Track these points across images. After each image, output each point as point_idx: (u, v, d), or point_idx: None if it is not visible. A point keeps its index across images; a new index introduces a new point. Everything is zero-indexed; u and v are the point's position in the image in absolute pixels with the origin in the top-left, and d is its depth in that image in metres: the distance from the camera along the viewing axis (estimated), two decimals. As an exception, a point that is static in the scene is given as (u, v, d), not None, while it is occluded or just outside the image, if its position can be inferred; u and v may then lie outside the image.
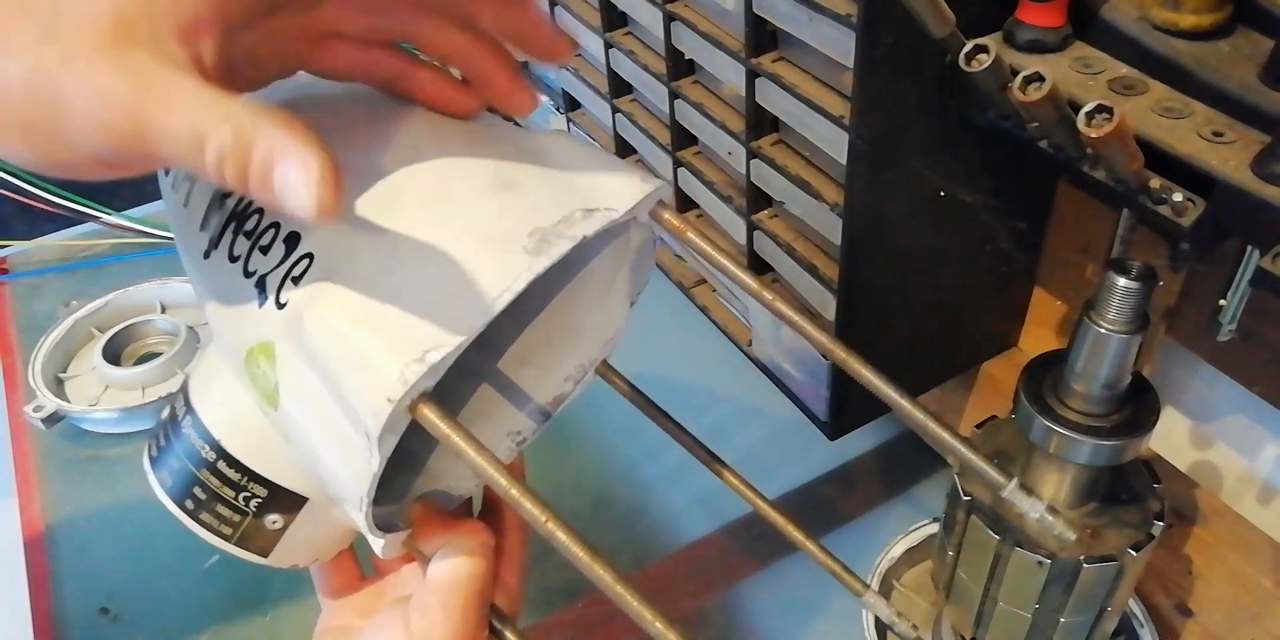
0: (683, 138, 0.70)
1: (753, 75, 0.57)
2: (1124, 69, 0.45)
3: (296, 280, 0.32)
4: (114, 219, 1.04)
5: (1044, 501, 0.37)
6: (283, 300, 0.33)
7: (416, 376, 0.29)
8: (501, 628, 0.40)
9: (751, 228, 0.66)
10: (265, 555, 0.40)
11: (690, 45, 0.63)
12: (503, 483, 0.30)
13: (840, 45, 0.49)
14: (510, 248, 0.31)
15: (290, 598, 0.75)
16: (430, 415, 0.30)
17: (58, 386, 0.91)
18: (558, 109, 0.88)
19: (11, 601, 0.75)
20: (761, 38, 0.56)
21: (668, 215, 0.37)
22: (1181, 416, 0.64)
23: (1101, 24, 0.46)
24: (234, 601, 0.74)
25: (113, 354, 0.93)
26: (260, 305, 0.33)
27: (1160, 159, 0.42)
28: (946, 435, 0.37)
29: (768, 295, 0.37)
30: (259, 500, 0.39)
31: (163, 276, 0.99)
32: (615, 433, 0.82)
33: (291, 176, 0.26)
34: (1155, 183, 0.42)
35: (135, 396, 0.89)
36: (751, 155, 0.61)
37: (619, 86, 0.75)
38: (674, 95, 0.67)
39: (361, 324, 0.31)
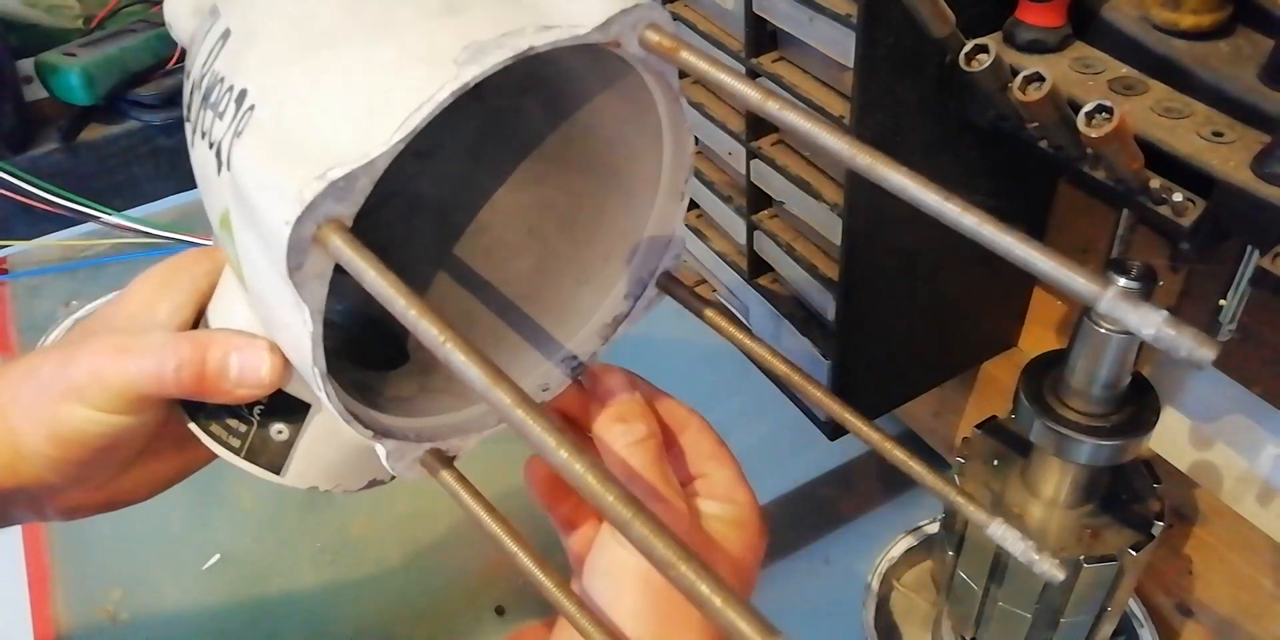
0: (683, 138, 0.70)
1: (753, 75, 0.57)
2: (1124, 69, 0.45)
3: (240, 133, 0.31)
4: (114, 219, 1.03)
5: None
6: (231, 158, 0.31)
7: (314, 194, 0.27)
8: None
9: (751, 228, 0.66)
10: (278, 472, 0.39)
11: (690, 45, 0.63)
12: (401, 302, 0.26)
13: (840, 45, 0.49)
14: (438, 61, 0.28)
15: (290, 598, 0.75)
16: (339, 242, 0.27)
17: (58, 386, 0.91)
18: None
19: (11, 601, 0.75)
20: (761, 38, 0.56)
21: (657, 38, 0.31)
22: (1181, 416, 0.64)
23: (1101, 24, 0.46)
24: (234, 601, 0.74)
25: (113, 354, 0.93)
26: (219, 172, 0.32)
27: (1160, 159, 0.42)
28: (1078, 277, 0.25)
29: (773, 105, 0.28)
30: (261, 407, 0.39)
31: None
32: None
33: (248, 360, 0.37)
34: (1155, 183, 0.42)
35: (135, 396, 0.89)
36: (751, 155, 0.61)
37: (619, 86, 0.75)
38: (674, 95, 0.67)
39: (273, 156, 0.29)
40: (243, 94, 0.32)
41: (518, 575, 0.36)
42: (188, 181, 0.46)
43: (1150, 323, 0.25)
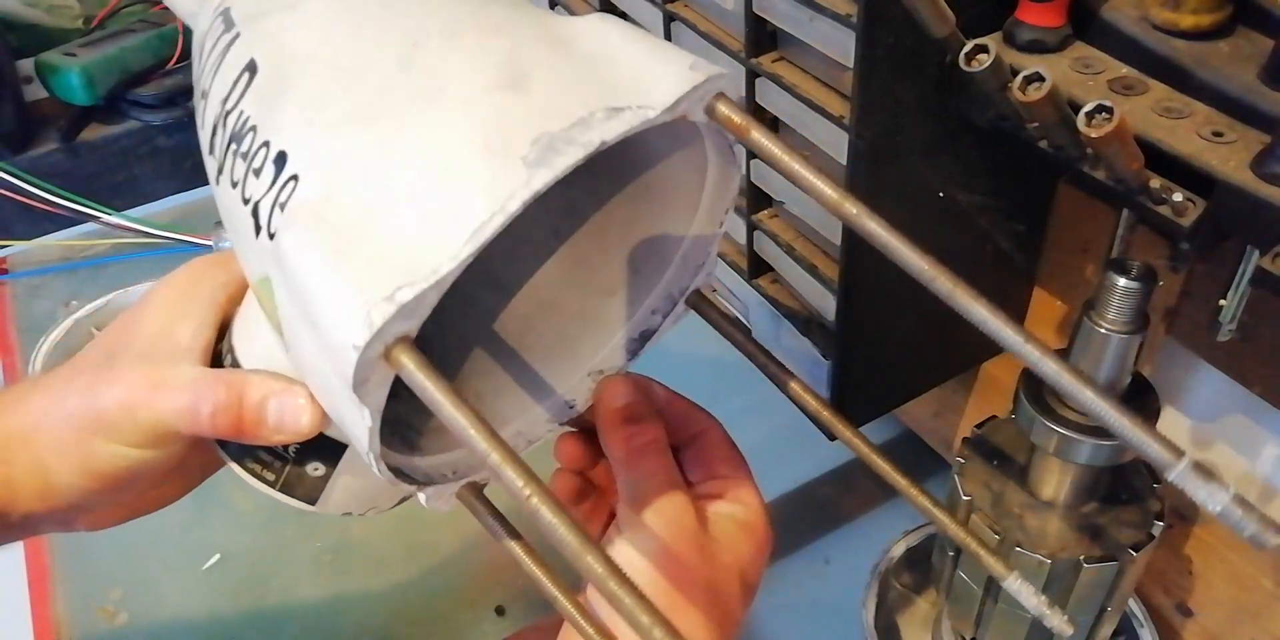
0: (683, 138, 0.70)
1: (753, 75, 0.57)
2: (1124, 69, 0.45)
3: (283, 207, 0.29)
4: (114, 219, 1.04)
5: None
6: (273, 230, 0.29)
7: (385, 318, 0.26)
8: None
9: (751, 228, 0.65)
10: (312, 503, 0.39)
11: (690, 45, 0.63)
12: (483, 446, 0.25)
13: (840, 45, 0.49)
14: (506, 159, 0.27)
15: (290, 598, 0.75)
16: (408, 363, 0.26)
17: (58, 386, 0.91)
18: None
19: (11, 601, 0.75)
20: (761, 38, 0.56)
21: (726, 111, 0.30)
22: (1181, 416, 0.64)
23: (1101, 24, 0.46)
24: (234, 602, 0.74)
25: (113, 354, 0.93)
26: (257, 235, 0.30)
27: (1160, 159, 0.42)
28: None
29: (851, 208, 0.31)
30: (297, 446, 0.38)
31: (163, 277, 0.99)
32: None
33: (287, 408, 0.36)
34: (1155, 183, 0.42)
35: (135, 396, 0.88)
36: (751, 155, 0.61)
37: (619, 86, 0.75)
38: (674, 95, 0.67)
39: (334, 260, 0.27)
40: (282, 157, 0.30)
41: (518, 576, 0.36)
42: (188, 181, 0.46)
43: (1218, 500, 0.26)
